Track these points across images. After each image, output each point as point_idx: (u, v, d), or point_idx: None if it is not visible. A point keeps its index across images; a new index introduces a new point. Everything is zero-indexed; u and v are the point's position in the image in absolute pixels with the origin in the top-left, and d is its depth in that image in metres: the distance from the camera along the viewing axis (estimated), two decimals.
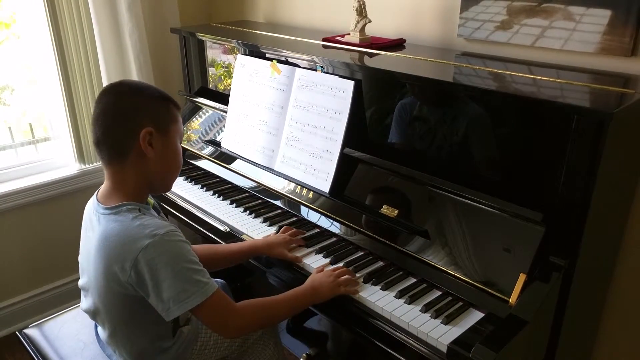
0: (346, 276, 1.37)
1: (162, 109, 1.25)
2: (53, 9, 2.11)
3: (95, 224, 1.24)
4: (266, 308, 1.29)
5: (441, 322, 1.22)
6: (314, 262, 1.47)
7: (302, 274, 1.46)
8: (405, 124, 1.53)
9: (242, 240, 1.64)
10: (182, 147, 2.11)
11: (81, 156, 2.35)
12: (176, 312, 1.15)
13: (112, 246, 1.16)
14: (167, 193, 1.95)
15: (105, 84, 2.21)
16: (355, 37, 1.81)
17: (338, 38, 1.88)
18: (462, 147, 1.42)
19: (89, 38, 2.22)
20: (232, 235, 1.68)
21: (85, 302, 1.37)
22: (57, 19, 2.14)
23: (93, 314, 1.35)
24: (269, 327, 1.54)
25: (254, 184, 1.86)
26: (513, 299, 1.19)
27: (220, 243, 1.67)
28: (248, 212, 1.76)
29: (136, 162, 1.22)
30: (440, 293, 1.33)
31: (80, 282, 1.36)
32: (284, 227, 1.63)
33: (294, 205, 1.72)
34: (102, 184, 1.30)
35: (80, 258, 1.35)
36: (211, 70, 2.24)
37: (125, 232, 1.16)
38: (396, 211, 1.46)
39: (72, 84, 2.24)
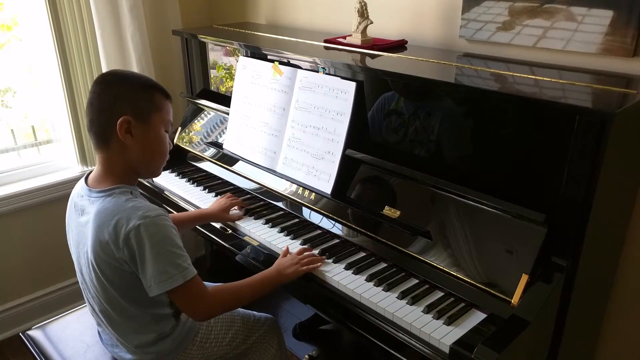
0: (309, 259, 1.46)
1: (143, 97, 1.30)
2: (55, 11, 2.12)
3: (88, 208, 1.29)
4: (235, 292, 1.37)
5: (443, 323, 1.22)
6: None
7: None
8: (405, 125, 1.53)
9: (245, 242, 1.65)
10: (185, 149, 2.14)
11: (83, 158, 2.35)
12: (156, 291, 1.22)
13: (106, 224, 1.22)
14: (169, 194, 1.96)
15: None
16: (357, 39, 1.82)
17: (340, 39, 1.88)
18: (464, 148, 1.42)
19: (91, 40, 2.23)
20: (234, 237, 1.68)
21: (86, 296, 1.39)
22: (59, 21, 2.14)
23: (92, 307, 1.37)
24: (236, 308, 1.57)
25: (256, 186, 1.86)
26: (515, 299, 1.19)
27: (224, 245, 1.68)
28: (249, 213, 1.76)
29: (118, 149, 1.28)
30: (442, 294, 1.33)
31: (78, 275, 1.38)
32: (227, 194, 1.81)
33: (296, 206, 1.72)
34: None
35: (72, 249, 1.37)
36: (213, 72, 2.25)
37: (118, 212, 1.23)
38: (398, 212, 1.46)
39: (74, 86, 2.24)
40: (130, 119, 1.25)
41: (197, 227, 1.77)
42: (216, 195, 1.90)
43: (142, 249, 1.20)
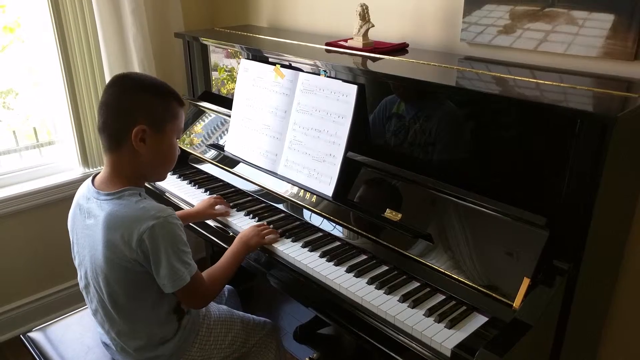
0: (268, 230, 1.59)
1: (160, 106, 1.31)
2: (58, 13, 2.13)
3: (95, 210, 1.29)
4: (222, 273, 1.45)
5: (445, 326, 1.22)
6: (317, 265, 1.47)
7: (301, 274, 1.47)
8: (406, 127, 1.53)
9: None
10: (186, 151, 2.14)
11: (85, 160, 2.36)
12: (170, 289, 1.27)
13: (118, 227, 1.23)
14: (170, 196, 1.97)
15: None
16: (358, 42, 1.82)
17: (341, 42, 1.88)
18: (465, 151, 1.42)
19: (93, 42, 2.23)
20: (234, 239, 1.68)
21: (89, 300, 1.38)
22: (61, 22, 2.15)
23: (95, 310, 1.37)
24: None
25: (257, 188, 1.86)
26: (517, 303, 1.19)
27: (224, 247, 1.68)
28: (251, 215, 1.75)
29: (129, 154, 1.29)
30: (443, 297, 1.32)
31: (80, 279, 1.38)
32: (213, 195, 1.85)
33: (297, 209, 1.72)
34: None
35: (76, 250, 1.37)
36: (214, 75, 2.25)
37: (130, 213, 1.24)
38: (399, 215, 1.46)
39: (77, 88, 2.25)
40: (146, 129, 1.27)
41: (198, 229, 1.78)
42: None
43: (156, 249, 1.23)
